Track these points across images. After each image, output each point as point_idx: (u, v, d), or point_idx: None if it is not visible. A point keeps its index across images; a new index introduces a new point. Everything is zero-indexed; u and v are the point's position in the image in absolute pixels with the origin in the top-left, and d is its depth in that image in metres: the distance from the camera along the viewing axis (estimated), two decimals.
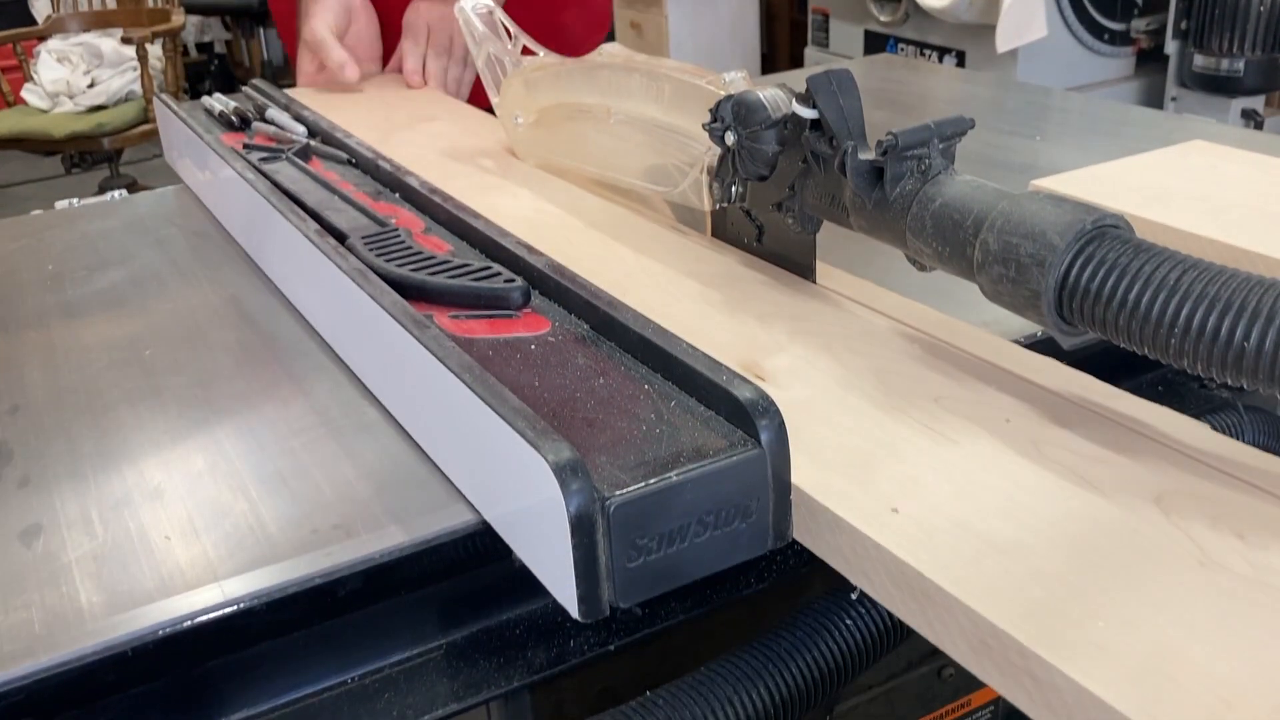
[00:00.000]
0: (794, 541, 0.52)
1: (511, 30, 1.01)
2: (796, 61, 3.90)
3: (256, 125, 1.02)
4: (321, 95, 1.21)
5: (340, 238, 0.74)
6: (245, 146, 0.96)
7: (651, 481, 0.47)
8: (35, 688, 0.47)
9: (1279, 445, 0.74)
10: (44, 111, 3.69)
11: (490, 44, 1.01)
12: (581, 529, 0.46)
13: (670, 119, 0.79)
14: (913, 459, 0.53)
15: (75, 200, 1.11)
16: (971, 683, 0.80)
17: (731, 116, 0.69)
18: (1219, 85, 2.73)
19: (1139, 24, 2.91)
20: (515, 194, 0.91)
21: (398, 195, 0.87)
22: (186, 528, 0.56)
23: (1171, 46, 2.81)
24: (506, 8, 1.26)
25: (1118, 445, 0.54)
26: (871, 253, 0.68)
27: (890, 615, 0.59)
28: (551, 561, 0.48)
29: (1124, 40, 2.94)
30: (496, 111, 1.01)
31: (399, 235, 0.73)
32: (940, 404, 0.58)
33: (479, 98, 1.20)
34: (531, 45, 1.00)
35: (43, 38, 3.85)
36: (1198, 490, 0.50)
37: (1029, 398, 0.58)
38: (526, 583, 0.53)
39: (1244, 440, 0.72)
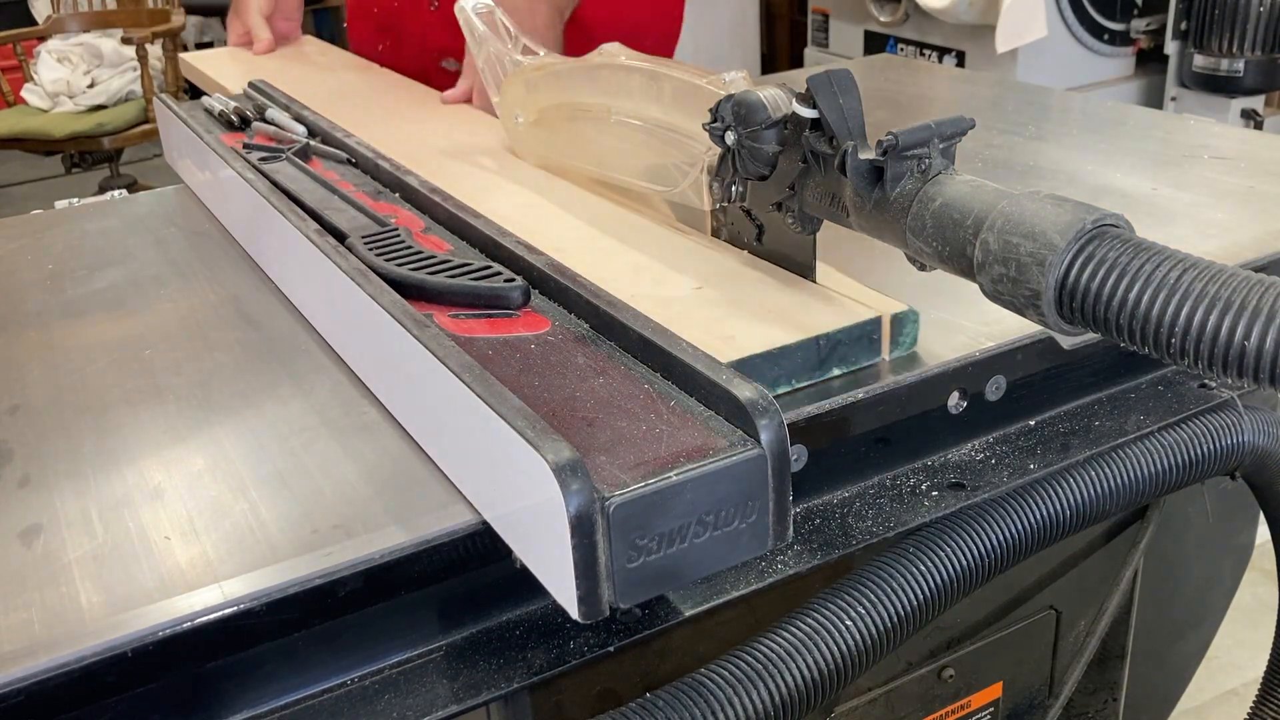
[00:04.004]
0: (794, 541, 0.52)
1: (511, 30, 1.01)
2: (796, 61, 3.89)
3: (256, 125, 1.02)
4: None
5: (340, 237, 0.74)
6: (245, 146, 0.96)
7: (651, 481, 0.47)
8: (35, 688, 0.47)
9: (1278, 445, 0.74)
10: (44, 111, 3.69)
11: (491, 44, 1.01)
12: (581, 529, 0.46)
13: (670, 119, 0.79)
14: None
15: (75, 200, 1.11)
16: (972, 684, 0.80)
17: (731, 116, 0.69)
18: (1219, 85, 2.73)
19: (1139, 24, 2.91)
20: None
21: (398, 195, 0.87)
22: (186, 528, 0.56)
23: (1171, 47, 2.81)
24: (582, 8, 1.27)
25: None
26: (871, 253, 0.68)
27: (890, 616, 0.59)
28: (551, 562, 0.48)
29: (1124, 40, 2.94)
30: (497, 111, 1.01)
31: (399, 235, 0.73)
32: None
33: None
34: (531, 45, 1.00)
35: (43, 38, 3.85)
36: None
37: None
38: (526, 583, 0.53)
39: (1243, 438, 0.72)
